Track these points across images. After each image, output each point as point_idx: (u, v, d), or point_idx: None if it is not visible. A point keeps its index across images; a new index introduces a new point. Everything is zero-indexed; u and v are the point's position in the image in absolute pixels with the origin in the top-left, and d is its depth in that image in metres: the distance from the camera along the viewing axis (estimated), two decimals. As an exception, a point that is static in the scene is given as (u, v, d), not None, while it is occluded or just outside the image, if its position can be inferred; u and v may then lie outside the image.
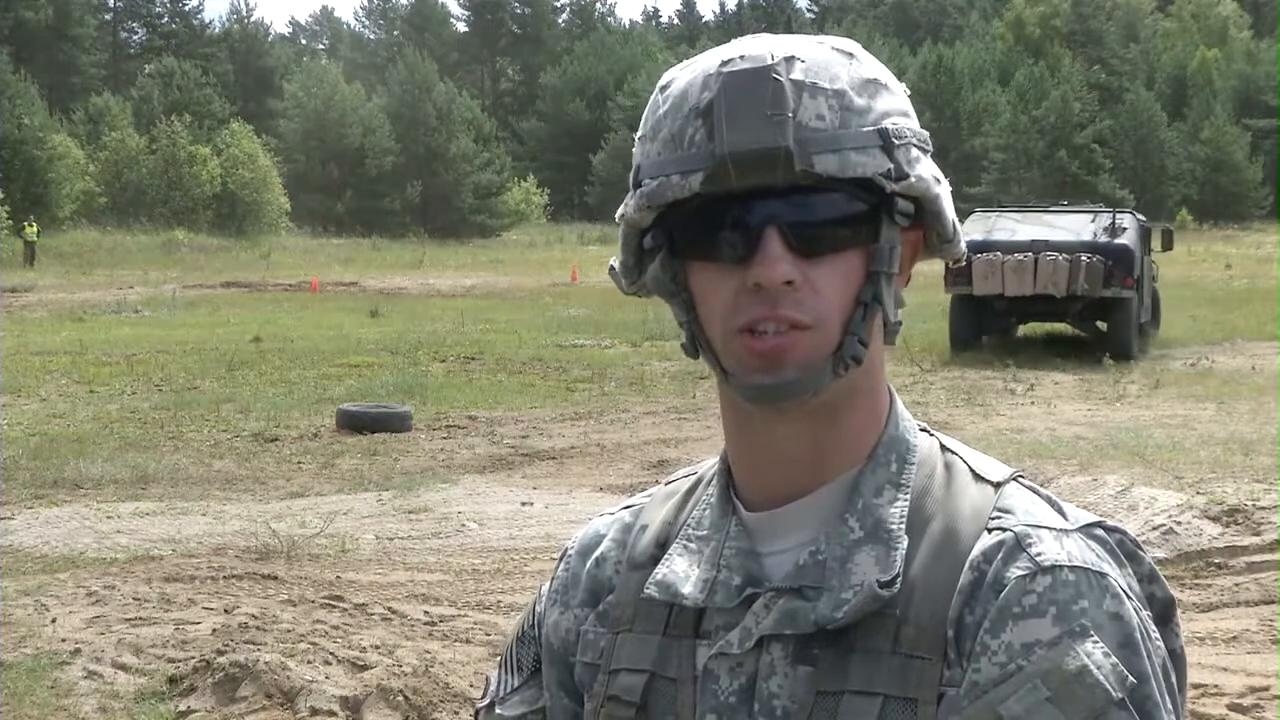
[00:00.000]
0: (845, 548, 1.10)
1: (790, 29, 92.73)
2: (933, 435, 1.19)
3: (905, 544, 1.09)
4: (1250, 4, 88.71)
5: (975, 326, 18.25)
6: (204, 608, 6.82)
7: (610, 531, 1.26)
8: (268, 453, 11.71)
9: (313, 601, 6.90)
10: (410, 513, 9.23)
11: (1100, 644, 1.02)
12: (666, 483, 1.28)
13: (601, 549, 1.25)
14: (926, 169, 1.11)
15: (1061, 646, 1.01)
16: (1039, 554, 1.05)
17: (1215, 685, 5.58)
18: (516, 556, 7.98)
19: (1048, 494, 1.14)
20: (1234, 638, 6.22)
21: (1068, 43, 78.26)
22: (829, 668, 1.08)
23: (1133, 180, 66.56)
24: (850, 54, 1.12)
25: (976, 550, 1.07)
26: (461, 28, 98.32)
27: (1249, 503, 8.16)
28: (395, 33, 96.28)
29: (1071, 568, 1.04)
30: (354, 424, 12.51)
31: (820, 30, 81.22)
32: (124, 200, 54.07)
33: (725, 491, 1.18)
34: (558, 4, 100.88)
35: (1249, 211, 66.01)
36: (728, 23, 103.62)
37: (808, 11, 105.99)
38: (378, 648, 6.10)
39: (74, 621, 6.65)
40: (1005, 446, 10.96)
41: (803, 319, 1.07)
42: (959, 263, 1.18)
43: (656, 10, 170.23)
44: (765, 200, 1.07)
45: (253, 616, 6.59)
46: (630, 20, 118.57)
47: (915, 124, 1.12)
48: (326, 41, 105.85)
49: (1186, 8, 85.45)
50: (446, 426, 12.91)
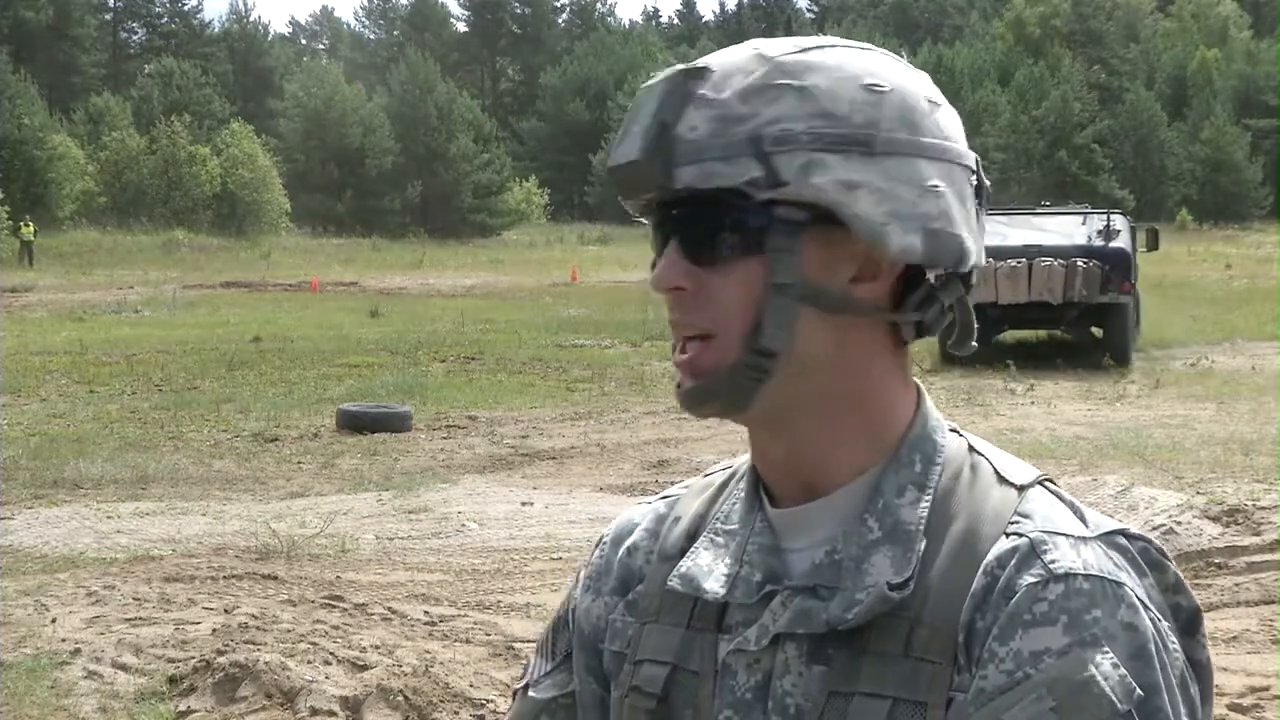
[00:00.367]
0: (863, 547, 1.09)
1: (790, 29, 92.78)
2: (962, 436, 1.17)
3: (923, 546, 1.08)
4: (1250, 4, 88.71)
5: None
6: (204, 608, 6.82)
7: (644, 521, 1.27)
8: (268, 453, 11.71)
9: (313, 601, 6.90)
10: (410, 513, 9.23)
11: (1110, 655, 1.00)
12: (704, 474, 1.28)
13: (634, 538, 1.26)
14: (835, 174, 1.04)
15: (1071, 656, 1.00)
16: (1053, 561, 1.04)
17: (1215, 685, 5.57)
18: (516, 556, 7.98)
19: (1072, 499, 1.12)
20: (1234, 638, 6.22)
21: (1068, 43, 78.30)
22: (842, 668, 1.07)
23: (1133, 180, 66.65)
24: (773, 55, 1.08)
25: (991, 555, 1.06)
26: (461, 28, 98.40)
27: (1249, 503, 8.17)
28: (395, 33, 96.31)
29: (1086, 576, 1.02)
30: (354, 424, 12.51)
31: (820, 31, 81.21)
32: (124, 200, 54.10)
33: (754, 487, 1.17)
34: (558, 4, 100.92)
35: (1249, 211, 66.06)
36: (728, 23, 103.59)
37: (808, 11, 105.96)
38: (378, 648, 6.10)
39: (74, 621, 6.65)
40: (1005, 447, 10.68)
41: (698, 326, 1.08)
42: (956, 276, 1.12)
43: (656, 10, 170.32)
44: (669, 208, 1.09)
45: (253, 616, 6.59)
46: (630, 20, 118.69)
47: (848, 126, 1.04)
48: (326, 41, 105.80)
49: (1186, 8, 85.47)
50: (446, 426, 12.90)
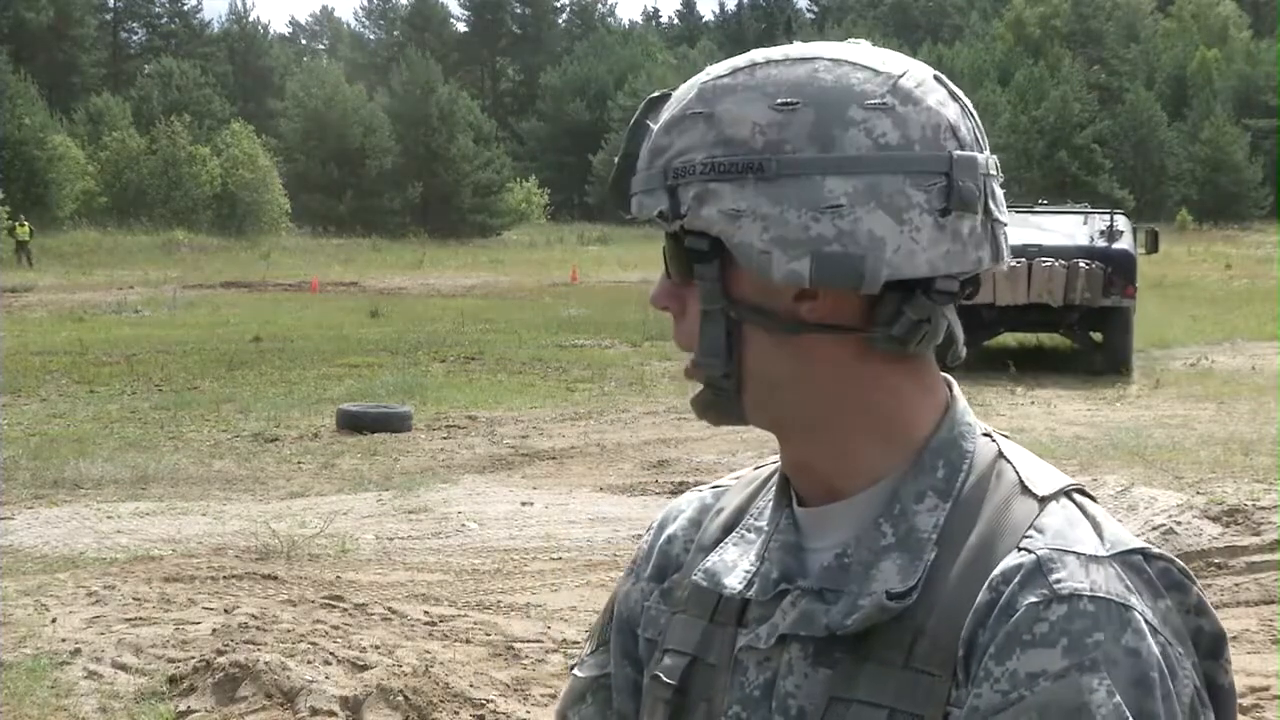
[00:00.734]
0: (874, 552, 1.08)
1: (790, 29, 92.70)
2: (995, 441, 1.14)
3: (933, 555, 1.06)
4: (1250, 4, 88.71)
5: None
6: (204, 608, 6.82)
7: (689, 510, 1.28)
8: (268, 453, 11.71)
9: (313, 601, 6.89)
10: (410, 513, 9.23)
11: (1107, 681, 0.97)
12: (755, 467, 1.29)
13: (675, 526, 1.27)
14: (723, 204, 1.05)
15: (1067, 680, 0.97)
16: (1058, 581, 1.00)
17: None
18: (516, 556, 7.98)
19: (1097, 513, 1.08)
20: (1234, 638, 6.21)
21: (1068, 43, 78.26)
22: (844, 674, 1.07)
23: (1133, 180, 66.61)
24: (707, 80, 1.10)
25: (998, 569, 1.03)
26: (461, 28, 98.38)
27: (1249, 503, 8.16)
28: (395, 33, 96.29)
29: (1092, 598, 0.99)
30: (354, 424, 12.50)
31: (820, 31, 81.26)
32: (124, 200, 54.11)
33: (784, 484, 1.18)
34: (558, 4, 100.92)
35: (1249, 211, 66.03)
36: (728, 23, 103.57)
37: (808, 12, 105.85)
38: (378, 648, 6.10)
39: (74, 621, 6.65)
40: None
41: (680, 343, 1.15)
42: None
43: (656, 10, 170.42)
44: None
45: (253, 616, 6.59)
46: (630, 20, 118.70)
47: (745, 151, 1.04)
48: (326, 42, 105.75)
49: (1186, 8, 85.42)
50: (446, 426, 12.90)
